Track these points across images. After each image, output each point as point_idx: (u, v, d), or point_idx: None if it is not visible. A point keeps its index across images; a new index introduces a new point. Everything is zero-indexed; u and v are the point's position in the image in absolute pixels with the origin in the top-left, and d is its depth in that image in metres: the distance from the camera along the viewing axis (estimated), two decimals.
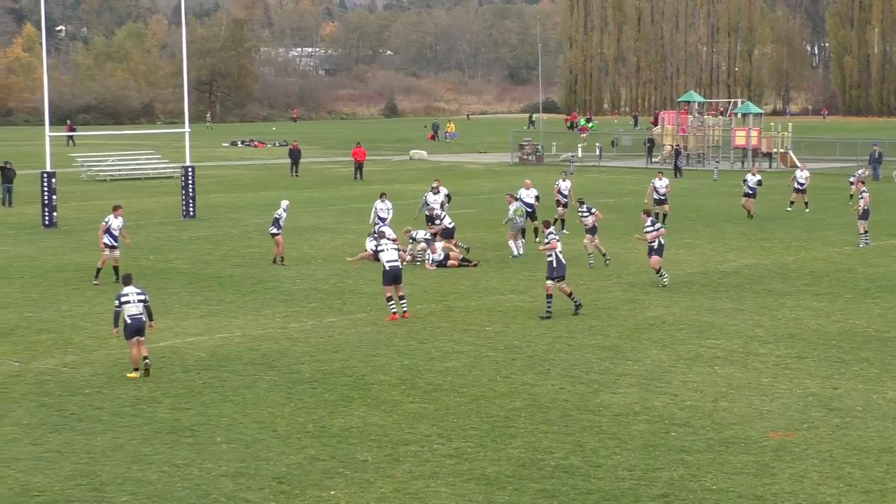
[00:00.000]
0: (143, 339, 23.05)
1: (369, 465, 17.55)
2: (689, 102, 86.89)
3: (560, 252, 28.40)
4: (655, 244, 32.70)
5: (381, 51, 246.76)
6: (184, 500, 16.23)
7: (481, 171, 79.32)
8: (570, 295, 28.79)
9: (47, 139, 49.60)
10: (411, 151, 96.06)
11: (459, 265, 36.08)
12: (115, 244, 33.40)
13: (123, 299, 22.89)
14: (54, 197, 48.63)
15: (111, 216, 33.57)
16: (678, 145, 79.10)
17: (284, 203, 37.50)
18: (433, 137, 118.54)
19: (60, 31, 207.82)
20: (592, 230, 36.60)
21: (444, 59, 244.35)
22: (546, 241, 28.72)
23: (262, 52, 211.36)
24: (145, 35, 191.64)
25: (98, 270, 33.55)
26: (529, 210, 40.46)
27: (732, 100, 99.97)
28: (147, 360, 23.04)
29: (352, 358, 24.40)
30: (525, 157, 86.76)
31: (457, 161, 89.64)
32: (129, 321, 22.85)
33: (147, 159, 79.45)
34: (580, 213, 37.20)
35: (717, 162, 78.41)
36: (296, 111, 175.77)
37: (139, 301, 22.92)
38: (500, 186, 50.24)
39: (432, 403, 20.89)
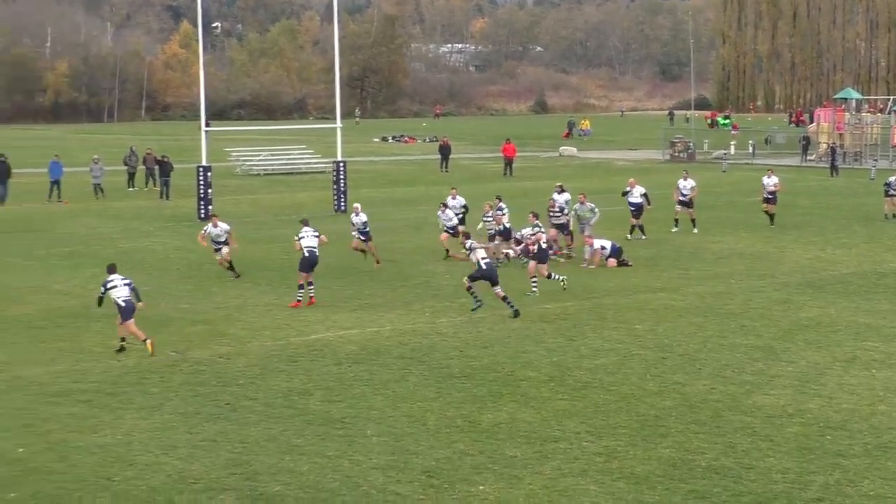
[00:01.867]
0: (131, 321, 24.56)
1: (518, 461, 17.52)
2: (846, 100, 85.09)
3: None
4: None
5: (531, 47, 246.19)
6: (335, 491, 16.40)
7: (632, 168, 78.70)
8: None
9: (203, 134, 50.56)
10: (561, 148, 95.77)
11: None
12: (219, 245, 33.62)
13: (110, 285, 24.70)
14: (209, 191, 49.56)
15: (209, 226, 33.76)
16: (834, 143, 77.56)
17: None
18: (568, 135, 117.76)
19: (216, 27, 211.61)
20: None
21: (594, 56, 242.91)
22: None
23: (413, 48, 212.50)
24: (298, 31, 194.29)
25: (231, 267, 33.83)
26: (633, 209, 40.74)
27: (892, 97, 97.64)
28: (124, 343, 24.68)
29: (501, 354, 24.41)
30: (676, 154, 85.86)
31: (606, 158, 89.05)
32: (122, 304, 24.47)
33: (299, 154, 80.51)
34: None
35: (875, 160, 76.63)
36: (438, 107, 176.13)
37: (125, 285, 24.69)
38: (653, 183, 49.87)
39: (581, 401, 20.79)
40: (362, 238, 35.89)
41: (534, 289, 30.92)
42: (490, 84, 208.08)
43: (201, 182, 49.28)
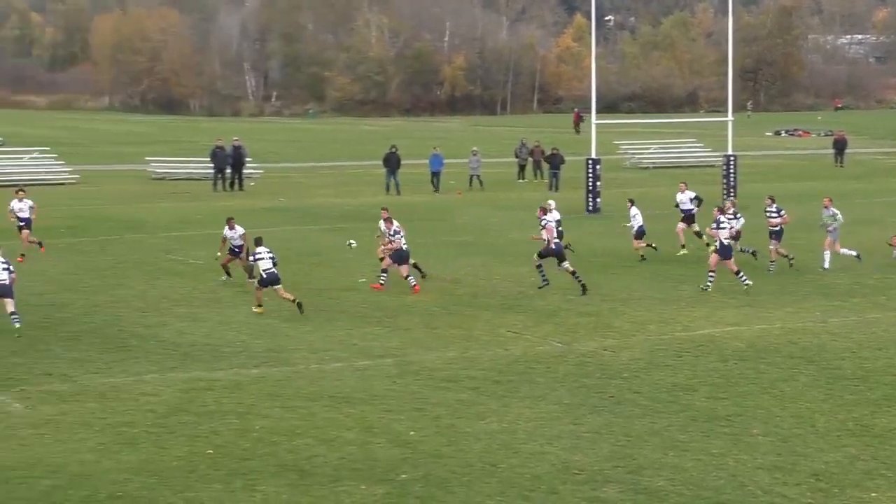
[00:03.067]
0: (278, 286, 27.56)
1: None
2: None
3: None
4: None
5: None
6: (719, 489, 16.16)
7: None
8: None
9: (593, 127, 50.88)
10: None
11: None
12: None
13: (257, 257, 27.70)
14: (598, 183, 49.83)
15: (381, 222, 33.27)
16: None
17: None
18: None
19: (609, 21, 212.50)
20: (778, 234, 34.02)
21: None
22: (541, 225, 32.00)
23: (810, 39, 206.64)
24: (691, 24, 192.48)
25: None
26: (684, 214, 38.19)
27: None
28: (261, 308, 27.77)
29: None
30: None
31: None
32: (265, 275, 27.49)
33: (689, 148, 79.81)
34: (767, 213, 34.47)
35: None
36: (837, 101, 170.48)
37: (269, 258, 27.52)
38: None
39: None
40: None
41: (709, 282, 30.67)
42: (891, 76, 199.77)
43: (590, 174, 49.62)
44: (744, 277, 30.68)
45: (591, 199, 49.41)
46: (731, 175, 51.34)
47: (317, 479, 16.63)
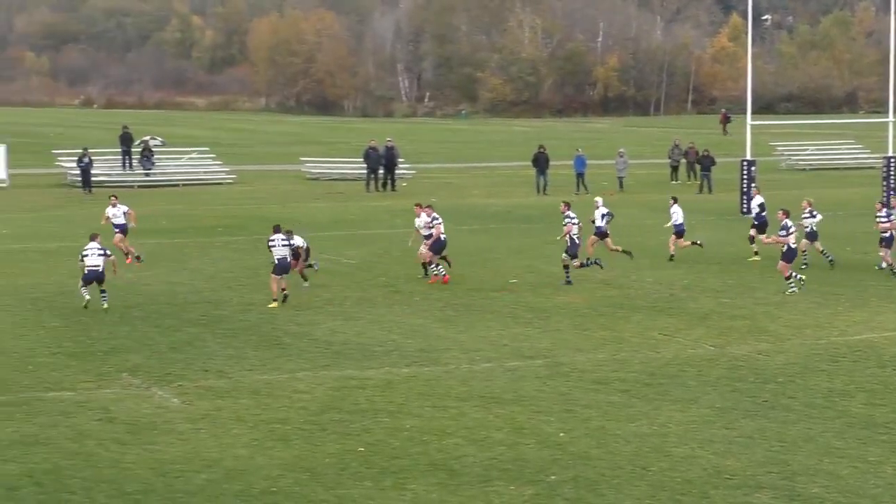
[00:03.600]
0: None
1: None
2: None
3: (575, 234, 31.67)
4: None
5: None
6: (876, 498, 15.82)
7: None
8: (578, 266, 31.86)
9: (748, 128, 50.20)
10: None
11: None
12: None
13: (271, 244, 28.57)
14: (753, 185, 49.08)
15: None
16: None
17: None
18: None
19: (766, 20, 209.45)
20: (888, 240, 32.62)
21: None
22: (564, 223, 31.85)
23: None
24: (851, 22, 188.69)
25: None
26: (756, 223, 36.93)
27: None
28: (285, 291, 29.04)
29: None
30: None
31: None
32: (276, 262, 28.40)
33: (847, 149, 78.19)
34: (877, 218, 33.15)
35: None
36: None
37: (283, 246, 28.51)
38: None
39: None
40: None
41: (791, 287, 30.31)
42: None
43: (744, 176, 48.92)
44: (792, 284, 30.36)
45: (745, 201, 48.66)
46: (892, 177, 50.18)
47: (466, 478, 16.69)
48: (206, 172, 65.11)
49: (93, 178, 58.60)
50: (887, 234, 32.63)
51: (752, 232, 36.84)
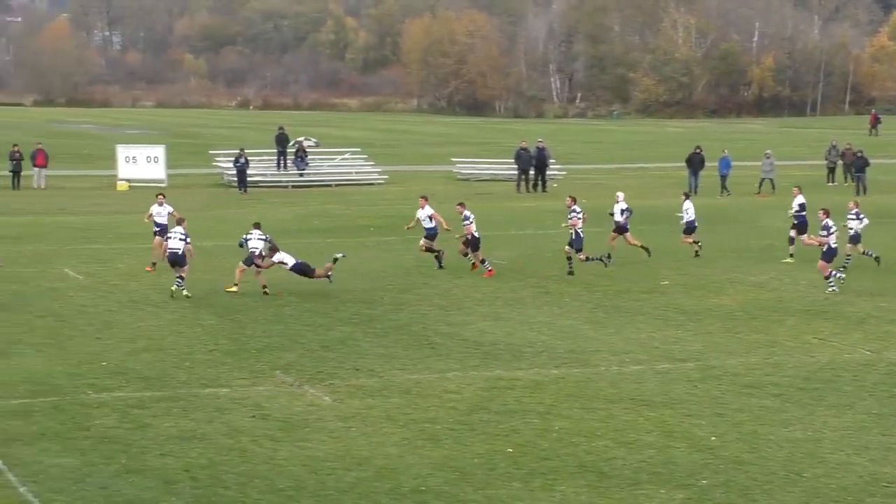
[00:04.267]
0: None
1: None
2: None
3: (580, 229, 32.72)
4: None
5: None
6: None
7: None
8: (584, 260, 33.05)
9: None
10: None
11: None
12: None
13: (247, 236, 30.12)
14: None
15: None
16: None
17: None
18: None
19: None
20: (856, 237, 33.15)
21: None
22: (569, 218, 32.97)
23: None
24: None
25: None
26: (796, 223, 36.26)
27: None
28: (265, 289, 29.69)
29: None
30: None
31: None
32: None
33: None
34: (848, 218, 33.24)
35: None
36: None
37: (259, 240, 29.92)
38: None
39: None
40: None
41: (831, 285, 30.39)
42: None
43: None
44: (831, 283, 30.33)
45: None
46: None
47: (616, 481, 16.62)
48: (359, 173, 65.85)
49: (248, 178, 59.73)
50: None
51: (793, 233, 36.32)
